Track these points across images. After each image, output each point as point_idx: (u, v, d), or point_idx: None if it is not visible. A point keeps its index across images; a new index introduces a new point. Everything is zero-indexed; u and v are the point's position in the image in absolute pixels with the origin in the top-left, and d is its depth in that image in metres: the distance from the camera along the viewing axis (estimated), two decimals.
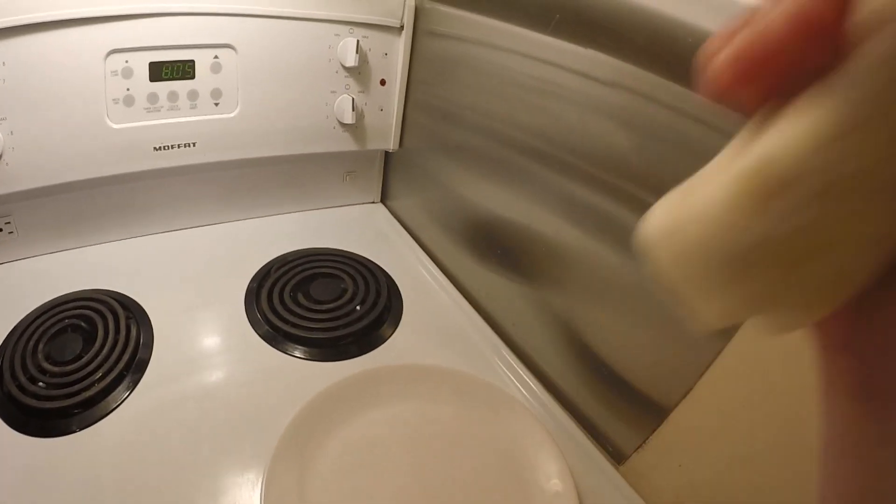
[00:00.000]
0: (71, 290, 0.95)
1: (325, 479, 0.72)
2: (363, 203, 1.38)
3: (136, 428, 0.76)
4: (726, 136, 0.56)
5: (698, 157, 0.61)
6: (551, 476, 0.75)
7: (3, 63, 0.83)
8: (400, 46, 1.15)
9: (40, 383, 0.78)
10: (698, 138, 0.63)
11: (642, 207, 0.70)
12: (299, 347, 0.92)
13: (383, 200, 1.40)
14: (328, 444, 0.76)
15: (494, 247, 1.03)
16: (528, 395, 0.90)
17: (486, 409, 0.83)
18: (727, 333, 0.64)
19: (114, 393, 0.79)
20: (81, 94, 0.90)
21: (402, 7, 1.11)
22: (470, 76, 1.01)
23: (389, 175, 1.37)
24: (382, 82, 1.17)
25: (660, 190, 0.65)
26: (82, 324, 0.88)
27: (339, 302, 1.00)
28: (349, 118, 1.13)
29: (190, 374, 0.85)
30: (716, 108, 0.23)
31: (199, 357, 0.88)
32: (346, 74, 1.12)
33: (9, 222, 0.98)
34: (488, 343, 0.99)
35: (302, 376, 0.87)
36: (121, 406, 0.78)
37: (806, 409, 0.56)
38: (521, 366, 0.95)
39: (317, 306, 0.99)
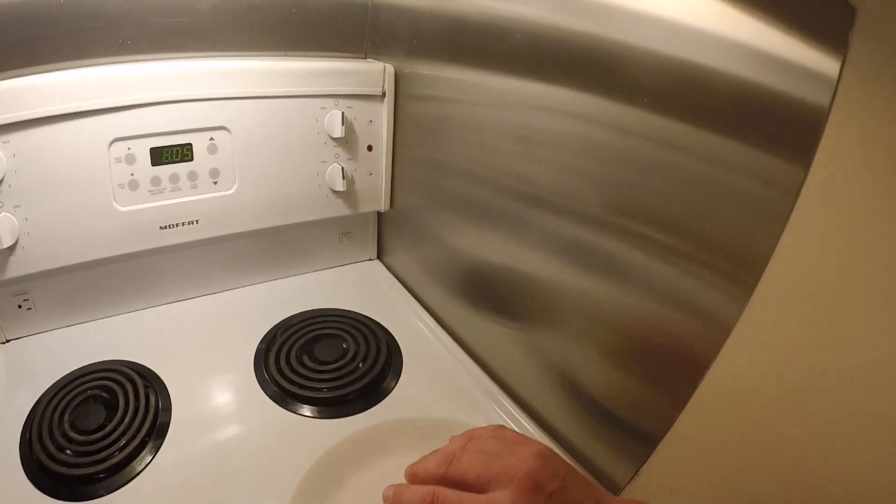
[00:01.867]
0: (90, 362, 0.99)
1: None
2: (360, 261, 1.42)
3: (160, 490, 0.79)
4: (704, 158, 0.62)
5: (691, 190, 0.65)
6: None
7: (14, 154, 0.88)
8: (384, 112, 1.20)
9: (68, 451, 0.82)
10: (690, 169, 0.64)
11: (630, 236, 0.73)
12: (307, 406, 0.95)
13: (380, 257, 1.43)
14: (337, 498, 0.79)
15: (486, 297, 1.05)
16: None
17: None
18: (702, 369, 0.66)
19: (138, 458, 0.83)
20: (89, 181, 0.96)
21: (383, 75, 1.16)
22: (454, 132, 1.05)
23: (384, 232, 1.39)
24: (370, 148, 1.22)
25: (644, 218, 0.68)
26: (103, 394, 0.92)
27: (342, 361, 1.03)
28: (340, 186, 1.18)
29: (207, 437, 0.88)
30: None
31: (215, 420, 0.91)
32: (335, 144, 1.17)
33: (27, 299, 1.02)
34: (483, 390, 1.01)
35: (312, 434, 0.90)
36: (145, 470, 0.81)
37: (781, 434, 0.59)
38: (518, 408, 0.97)
39: (321, 367, 1.01)
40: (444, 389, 1.02)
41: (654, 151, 0.68)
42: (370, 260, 1.44)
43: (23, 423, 0.87)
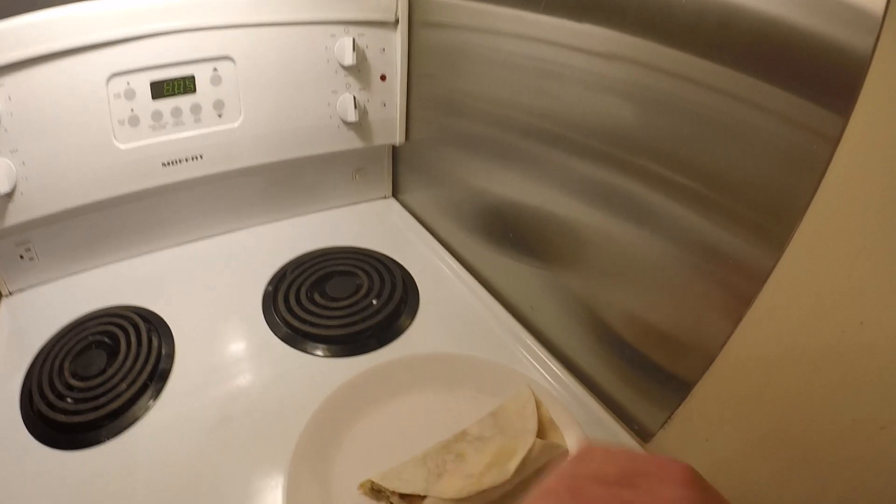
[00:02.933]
0: (93, 309, 0.98)
1: (347, 470, 0.73)
2: (375, 199, 1.39)
3: (162, 435, 0.78)
4: (733, 99, 0.59)
5: (705, 124, 0.62)
6: None
7: (10, 97, 0.86)
8: (397, 40, 1.15)
9: (68, 399, 0.81)
10: (704, 103, 0.63)
11: (653, 179, 0.70)
12: (319, 346, 0.93)
13: (395, 195, 1.40)
14: (347, 438, 0.77)
15: (507, 235, 1.03)
16: (550, 379, 0.90)
17: (505, 391, 0.82)
18: (738, 314, 0.64)
19: (139, 402, 0.82)
20: (87, 119, 0.93)
21: (396, 1, 1.11)
22: (470, 64, 1.01)
23: (399, 169, 1.37)
24: (383, 78, 1.18)
25: (670, 160, 0.64)
26: (105, 339, 0.91)
27: (355, 298, 1.01)
28: (352, 116, 1.13)
29: (213, 380, 0.86)
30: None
31: (221, 363, 0.90)
32: (346, 73, 1.13)
33: (28, 249, 1.01)
34: (507, 328, 0.99)
35: (324, 373, 0.88)
36: (147, 415, 0.80)
37: (828, 378, 0.56)
38: (543, 349, 0.95)
39: (333, 304, 1.00)
40: (464, 327, 1.00)
41: (684, 92, 0.65)
42: (385, 198, 1.40)
43: (23, 375, 0.86)
